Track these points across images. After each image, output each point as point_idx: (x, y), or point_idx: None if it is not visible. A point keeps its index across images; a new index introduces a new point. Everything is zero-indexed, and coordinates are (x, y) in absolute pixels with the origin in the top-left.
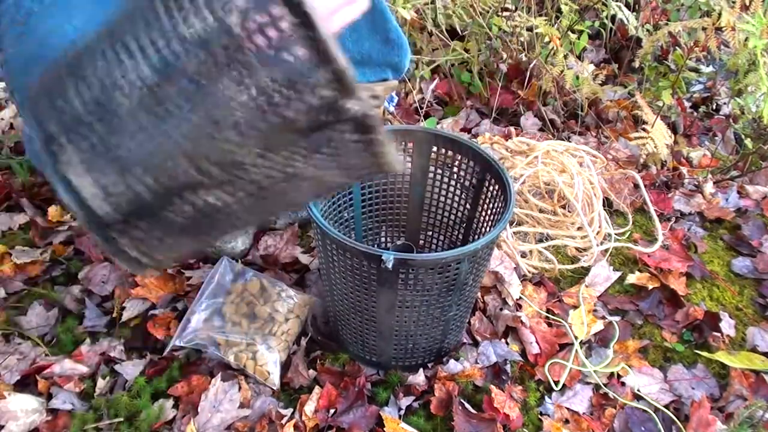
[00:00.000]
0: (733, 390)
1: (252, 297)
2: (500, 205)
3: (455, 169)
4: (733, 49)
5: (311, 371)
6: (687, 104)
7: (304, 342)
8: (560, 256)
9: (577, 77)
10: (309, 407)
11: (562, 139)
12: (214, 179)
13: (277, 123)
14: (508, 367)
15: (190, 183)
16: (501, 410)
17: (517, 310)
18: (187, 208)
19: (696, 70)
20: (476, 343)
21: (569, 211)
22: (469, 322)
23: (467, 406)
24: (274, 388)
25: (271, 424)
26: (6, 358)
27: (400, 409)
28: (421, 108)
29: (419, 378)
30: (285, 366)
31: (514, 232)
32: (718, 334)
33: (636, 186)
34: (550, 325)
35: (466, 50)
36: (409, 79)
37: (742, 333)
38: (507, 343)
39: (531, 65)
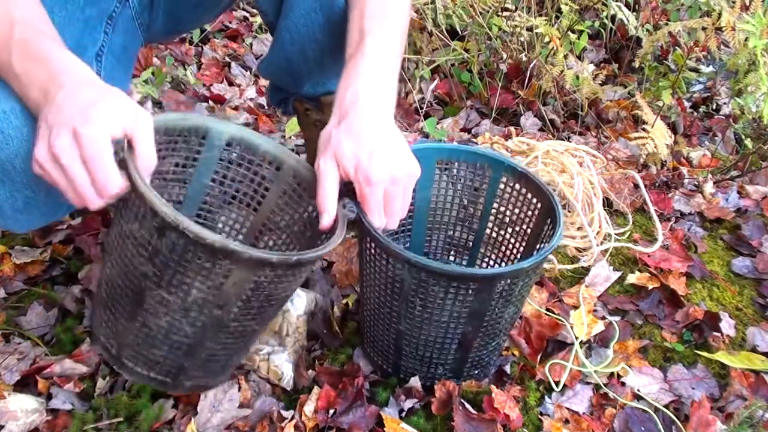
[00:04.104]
0: (733, 390)
1: None
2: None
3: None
4: (733, 49)
5: (311, 371)
6: (687, 104)
7: (305, 342)
8: (560, 256)
9: (577, 77)
10: (308, 407)
11: (562, 139)
12: None
13: None
14: (508, 368)
15: None
16: (501, 410)
17: None
18: None
19: (696, 70)
20: None
21: (569, 211)
22: None
23: (467, 406)
24: (288, 389)
25: (271, 424)
26: (6, 358)
27: (401, 411)
28: (421, 108)
29: (416, 383)
30: (296, 366)
31: None
32: (718, 334)
33: (636, 186)
34: None
35: (466, 50)
36: (409, 80)
37: (742, 333)
38: (507, 346)
39: (531, 65)
